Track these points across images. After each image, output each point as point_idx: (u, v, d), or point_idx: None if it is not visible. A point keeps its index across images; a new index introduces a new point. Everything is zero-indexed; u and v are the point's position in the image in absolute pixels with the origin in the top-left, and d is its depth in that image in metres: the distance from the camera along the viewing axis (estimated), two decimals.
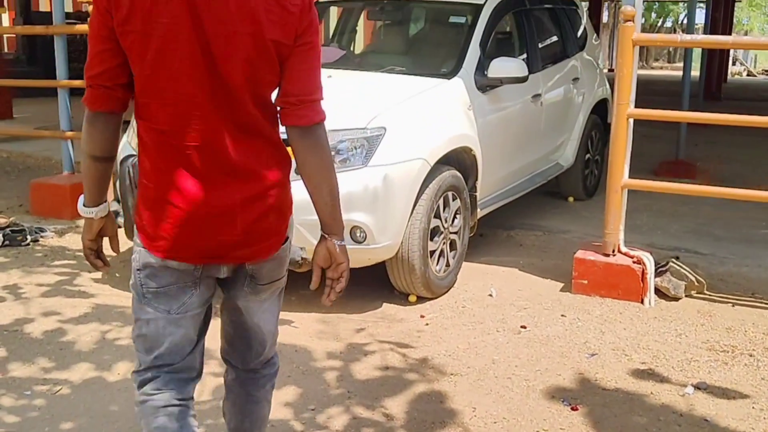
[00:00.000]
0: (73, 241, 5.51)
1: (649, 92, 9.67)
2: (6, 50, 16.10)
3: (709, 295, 4.53)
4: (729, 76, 23.98)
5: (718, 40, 6.15)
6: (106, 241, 2.15)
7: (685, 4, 34.81)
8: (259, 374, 2.33)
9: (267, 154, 2.00)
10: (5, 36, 16.72)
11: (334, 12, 6.88)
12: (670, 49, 40.48)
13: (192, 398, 2.17)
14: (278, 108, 2.01)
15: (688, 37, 4.57)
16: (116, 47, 1.86)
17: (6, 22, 16.06)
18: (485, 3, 5.25)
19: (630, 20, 4.14)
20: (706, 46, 8.21)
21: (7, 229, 5.46)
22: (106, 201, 2.09)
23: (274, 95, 2.00)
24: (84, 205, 2.07)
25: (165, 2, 1.81)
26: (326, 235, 2.12)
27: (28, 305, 4.29)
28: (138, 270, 2.03)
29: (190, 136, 1.89)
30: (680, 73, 7.58)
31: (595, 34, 7.20)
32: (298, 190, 3.96)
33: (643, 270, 4.34)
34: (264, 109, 1.96)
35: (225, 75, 1.87)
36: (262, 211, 2.00)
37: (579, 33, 6.74)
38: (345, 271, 2.15)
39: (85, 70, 1.92)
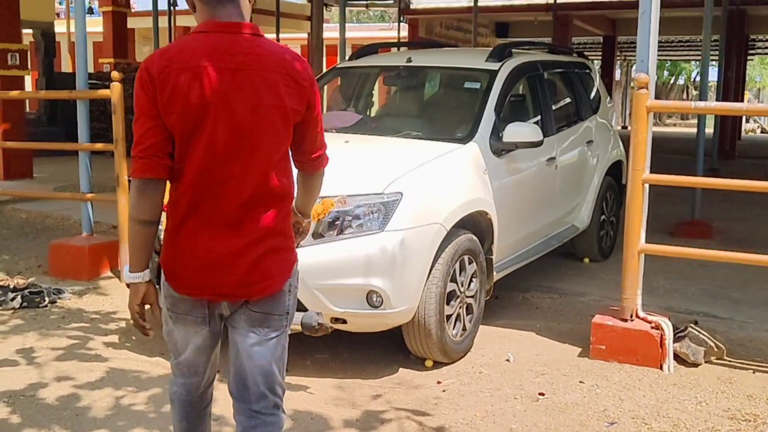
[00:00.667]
0: (91, 303, 5.54)
1: (663, 150, 9.67)
2: (28, 110, 16.40)
3: (729, 361, 4.48)
4: (743, 134, 24.05)
5: (732, 107, 6.20)
6: None
7: (698, 63, 35.13)
8: (260, 420, 2.46)
9: (274, 208, 2.36)
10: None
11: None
12: None
13: (209, 398, 2.69)
14: (295, 160, 2.49)
15: (701, 103, 4.62)
16: (162, 124, 2.24)
17: (29, 83, 16.41)
18: (500, 69, 5.33)
19: (644, 87, 4.19)
20: (719, 113, 8.27)
21: (26, 291, 5.51)
22: (149, 267, 2.35)
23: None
24: (130, 272, 2.34)
25: (199, 87, 2.21)
26: (299, 214, 2.69)
27: (42, 369, 4.29)
28: (165, 297, 2.43)
29: (212, 195, 2.29)
30: (694, 129, 7.61)
31: (609, 97, 7.27)
32: (315, 255, 3.99)
33: (661, 336, 4.30)
34: (281, 162, 2.37)
35: (254, 141, 2.27)
36: (261, 254, 2.34)
37: (592, 95, 6.80)
38: (307, 232, 2.82)
39: (135, 144, 2.27)
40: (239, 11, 2.31)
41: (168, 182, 2.32)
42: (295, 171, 2.52)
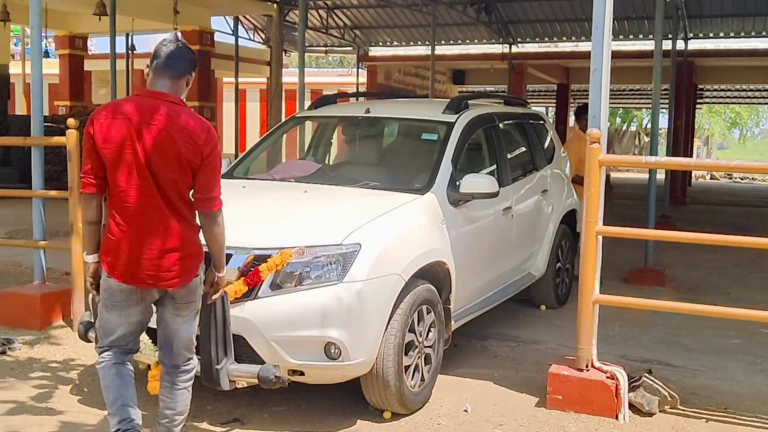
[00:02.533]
0: (43, 353, 5.41)
1: (617, 196, 9.90)
2: None
3: (683, 410, 4.54)
4: (693, 180, 24.68)
5: (681, 162, 6.37)
6: None
7: (649, 110, 36.08)
8: (180, 369, 3.57)
9: (182, 225, 3.38)
10: None
11: (309, 126, 7.07)
12: (636, 152, 41.68)
13: (130, 362, 3.58)
14: (194, 198, 3.41)
15: (652, 158, 4.75)
16: (98, 156, 3.34)
17: None
18: (457, 120, 5.43)
19: (596, 142, 4.30)
20: (670, 168, 8.53)
21: None
22: (97, 252, 3.49)
23: (190, 192, 3.41)
24: (87, 254, 3.53)
25: (124, 132, 3.27)
26: (213, 269, 3.56)
27: None
28: (104, 289, 3.45)
29: (133, 214, 3.32)
30: (646, 175, 7.82)
31: (562, 146, 7.43)
32: (273, 306, 3.98)
33: (616, 385, 4.35)
34: (182, 200, 3.38)
35: (159, 180, 3.30)
36: (178, 258, 3.37)
37: (546, 146, 6.96)
38: (222, 286, 3.63)
39: (82, 169, 3.41)
40: (169, 85, 3.36)
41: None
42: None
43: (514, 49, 18.26)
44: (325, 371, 4.09)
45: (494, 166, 5.84)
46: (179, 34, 14.20)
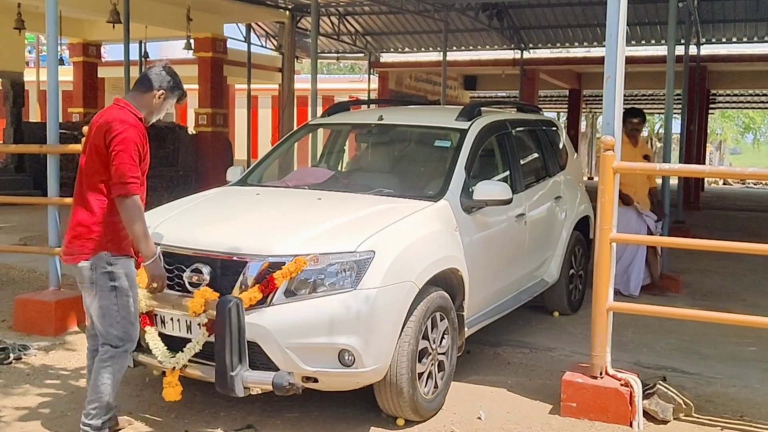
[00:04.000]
0: (58, 359, 5.44)
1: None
2: None
3: (698, 417, 4.52)
4: (706, 185, 24.58)
5: (695, 169, 6.33)
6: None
7: (661, 115, 35.91)
8: (102, 349, 3.94)
9: (81, 209, 3.88)
10: None
11: (321, 133, 7.09)
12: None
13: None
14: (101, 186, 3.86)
15: (666, 165, 4.75)
16: None
17: None
18: (470, 127, 5.43)
19: (610, 149, 4.30)
20: (683, 175, 8.50)
21: None
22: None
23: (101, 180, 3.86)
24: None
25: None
26: (139, 257, 3.98)
27: (5, 430, 4.20)
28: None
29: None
30: (659, 181, 7.80)
31: (575, 153, 7.42)
32: (287, 314, 3.99)
33: (631, 393, 4.33)
34: (91, 186, 3.86)
35: (82, 170, 3.92)
36: (70, 237, 3.90)
37: (559, 152, 6.95)
38: (152, 279, 3.94)
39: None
40: (132, 96, 3.98)
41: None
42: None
43: (526, 54, 18.27)
44: (338, 378, 4.10)
45: (507, 173, 5.84)
46: (191, 42, 14.28)
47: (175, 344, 4.14)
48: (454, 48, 18.39)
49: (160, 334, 4.20)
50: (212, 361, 3.94)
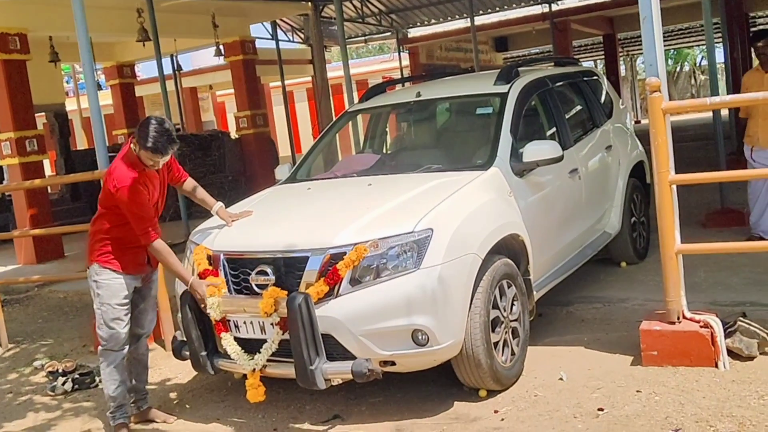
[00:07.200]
0: None
1: (682, 138, 9.64)
2: (50, 190, 16.70)
3: None
4: None
5: (746, 98, 6.10)
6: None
7: (700, 48, 34.95)
8: None
9: (95, 227, 4.46)
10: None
11: (360, 119, 7.09)
12: (693, 92, 40.51)
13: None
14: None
15: (716, 99, 4.62)
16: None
17: (47, 165, 16.71)
18: (509, 90, 5.37)
19: (657, 90, 4.20)
20: (735, 106, 8.25)
21: (75, 374, 5.57)
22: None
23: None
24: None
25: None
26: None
27: None
28: None
29: None
30: (706, 114, 7.57)
31: (620, 98, 7.27)
32: (355, 302, 4.02)
33: (711, 333, 4.26)
34: (101, 209, 4.46)
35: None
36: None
37: (603, 101, 6.82)
38: (197, 294, 4.37)
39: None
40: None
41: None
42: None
43: (555, 7, 17.92)
44: (415, 358, 4.12)
45: (554, 130, 5.76)
46: (221, 47, 14.35)
47: (251, 346, 4.22)
48: (481, 12, 18.12)
49: (236, 339, 4.27)
50: (290, 358, 3.99)
